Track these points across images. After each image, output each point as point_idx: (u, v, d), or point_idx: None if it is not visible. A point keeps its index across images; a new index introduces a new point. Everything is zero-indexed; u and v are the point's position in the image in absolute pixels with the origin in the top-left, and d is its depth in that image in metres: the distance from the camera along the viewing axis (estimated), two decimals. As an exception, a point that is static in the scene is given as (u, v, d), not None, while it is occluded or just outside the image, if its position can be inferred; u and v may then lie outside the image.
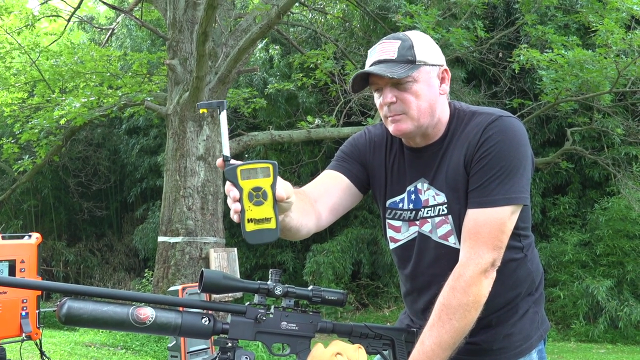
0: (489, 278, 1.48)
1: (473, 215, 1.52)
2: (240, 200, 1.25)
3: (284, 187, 1.28)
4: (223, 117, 1.29)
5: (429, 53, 1.59)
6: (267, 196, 1.26)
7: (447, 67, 1.64)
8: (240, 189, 1.25)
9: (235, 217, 1.27)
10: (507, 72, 9.66)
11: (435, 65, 1.60)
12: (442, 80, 1.62)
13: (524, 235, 1.65)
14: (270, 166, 1.26)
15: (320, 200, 1.66)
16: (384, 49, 1.59)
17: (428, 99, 1.58)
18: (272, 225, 1.26)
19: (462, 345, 1.47)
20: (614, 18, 7.29)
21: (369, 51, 1.65)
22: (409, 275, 1.72)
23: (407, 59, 1.55)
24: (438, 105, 1.61)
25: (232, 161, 1.28)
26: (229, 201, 1.26)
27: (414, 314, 1.76)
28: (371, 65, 1.59)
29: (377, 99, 1.64)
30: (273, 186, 1.27)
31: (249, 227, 1.25)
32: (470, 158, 1.54)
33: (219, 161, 1.28)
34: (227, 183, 1.27)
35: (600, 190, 9.80)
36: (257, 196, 1.25)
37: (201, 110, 1.32)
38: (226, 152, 1.28)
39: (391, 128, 1.62)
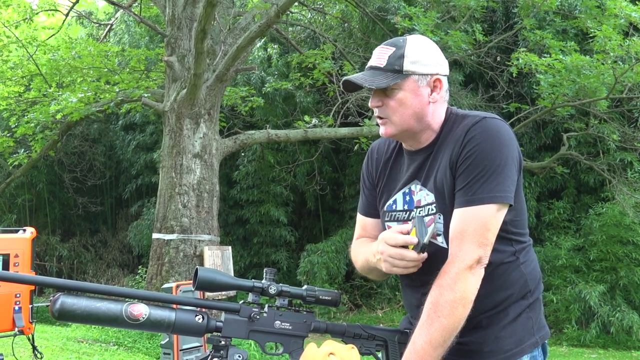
0: (475, 275, 1.50)
1: (459, 214, 1.55)
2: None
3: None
4: None
5: (420, 63, 1.63)
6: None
7: (441, 77, 1.66)
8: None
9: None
10: (505, 76, 9.67)
11: (425, 74, 1.64)
12: (434, 89, 1.65)
13: (516, 240, 1.66)
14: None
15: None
16: (379, 54, 1.66)
17: (413, 107, 1.63)
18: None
19: (453, 345, 1.48)
20: (612, 24, 7.30)
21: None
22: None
23: (394, 69, 1.62)
24: (426, 112, 1.65)
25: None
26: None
27: (409, 310, 1.80)
28: (366, 69, 1.67)
29: None
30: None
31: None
32: (455, 159, 1.58)
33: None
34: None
35: (595, 196, 9.81)
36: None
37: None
38: None
39: (380, 130, 1.71)
